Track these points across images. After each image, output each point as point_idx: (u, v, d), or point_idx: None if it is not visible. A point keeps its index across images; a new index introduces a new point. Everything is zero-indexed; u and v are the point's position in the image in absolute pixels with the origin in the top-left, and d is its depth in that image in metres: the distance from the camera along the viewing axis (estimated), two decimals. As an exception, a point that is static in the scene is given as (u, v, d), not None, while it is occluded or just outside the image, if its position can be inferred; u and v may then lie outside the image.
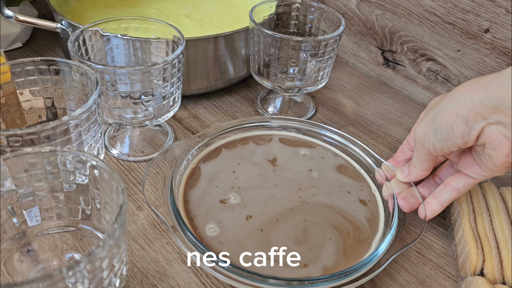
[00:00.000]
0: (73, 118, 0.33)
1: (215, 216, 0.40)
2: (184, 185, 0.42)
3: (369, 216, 0.41)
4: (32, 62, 0.38)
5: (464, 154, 0.38)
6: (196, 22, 0.59)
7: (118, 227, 0.27)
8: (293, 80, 0.52)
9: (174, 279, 0.38)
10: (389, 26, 0.61)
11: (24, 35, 0.63)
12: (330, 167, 0.46)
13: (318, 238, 0.39)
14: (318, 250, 0.38)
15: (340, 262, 0.37)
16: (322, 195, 0.42)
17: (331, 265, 0.37)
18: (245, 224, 0.39)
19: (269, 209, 0.41)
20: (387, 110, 0.60)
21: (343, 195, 0.43)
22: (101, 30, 0.45)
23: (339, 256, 0.37)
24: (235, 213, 0.40)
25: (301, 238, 0.38)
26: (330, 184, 0.44)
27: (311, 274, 0.36)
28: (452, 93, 0.36)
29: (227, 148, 0.47)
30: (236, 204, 0.41)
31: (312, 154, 0.47)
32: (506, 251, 0.38)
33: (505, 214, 0.41)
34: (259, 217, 0.40)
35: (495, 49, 0.52)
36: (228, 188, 0.42)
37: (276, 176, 0.44)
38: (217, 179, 0.43)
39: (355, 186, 0.44)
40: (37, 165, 0.32)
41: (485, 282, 0.36)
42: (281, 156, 0.46)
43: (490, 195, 0.43)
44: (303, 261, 0.37)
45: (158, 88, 0.43)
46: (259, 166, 0.45)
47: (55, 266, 0.35)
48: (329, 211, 0.41)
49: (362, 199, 0.43)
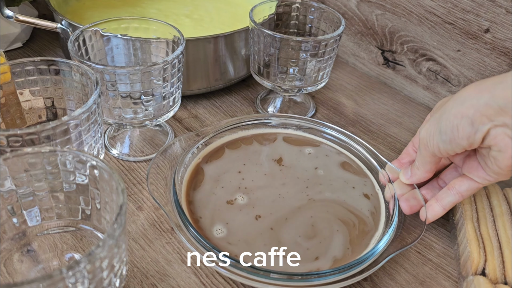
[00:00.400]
0: (73, 118, 0.33)
1: (222, 217, 0.40)
2: (187, 186, 0.42)
3: (372, 209, 0.42)
4: (32, 62, 0.38)
5: (468, 158, 0.38)
6: (196, 22, 0.59)
7: (118, 227, 0.27)
8: (293, 80, 0.52)
9: (174, 279, 0.38)
10: (389, 26, 0.61)
11: (24, 35, 0.63)
12: (335, 164, 0.46)
13: (326, 231, 0.39)
14: (327, 243, 0.38)
15: (347, 253, 0.38)
16: (328, 192, 0.43)
17: (340, 256, 0.37)
18: (254, 223, 0.39)
19: (278, 209, 0.41)
20: (387, 110, 0.60)
21: (349, 190, 0.44)
22: (101, 30, 0.45)
23: (346, 246, 0.38)
24: (243, 213, 0.40)
25: (311, 233, 0.39)
26: (336, 181, 0.44)
27: (322, 266, 0.37)
28: (458, 94, 0.36)
29: (231, 148, 0.47)
30: (244, 205, 0.41)
31: (317, 153, 0.47)
32: (508, 252, 0.38)
33: (508, 215, 0.41)
34: (269, 216, 0.40)
35: (495, 49, 0.52)
36: (235, 189, 0.42)
37: (282, 175, 0.44)
38: (222, 180, 0.43)
39: (359, 181, 0.45)
40: (37, 165, 0.32)
41: (486, 281, 0.36)
42: (286, 155, 0.47)
43: (494, 196, 0.43)
44: (314, 254, 0.37)
45: (158, 88, 0.43)
46: (265, 166, 0.45)
47: (55, 266, 0.35)
48: (335, 206, 0.42)
49: (365, 193, 0.43)
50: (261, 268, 0.34)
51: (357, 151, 0.47)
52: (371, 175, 0.45)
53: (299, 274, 0.34)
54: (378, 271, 0.39)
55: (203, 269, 0.39)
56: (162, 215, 0.43)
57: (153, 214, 0.43)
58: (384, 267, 0.40)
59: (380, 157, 0.46)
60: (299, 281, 0.34)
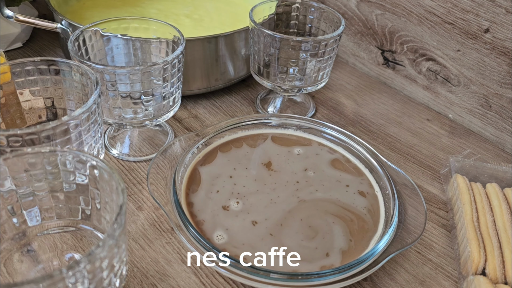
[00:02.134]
0: (73, 118, 0.33)
1: (222, 223, 0.39)
2: (186, 187, 0.42)
3: (368, 206, 0.42)
4: (32, 62, 0.38)
5: None
6: (196, 22, 0.59)
7: (118, 227, 0.27)
8: (293, 80, 0.52)
9: (174, 279, 0.38)
10: (389, 26, 0.61)
11: (24, 35, 0.63)
12: (326, 163, 0.46)
13: (323, 226, 0.40)
14: (330, 237, 0.39)
15: (351, 245, 0.38)
16: (319, 192, 0.43)
17: (346, 248, 0.38)
18: (253, 228, 0.39)
19: (271, 214, 0.41)
20: (387, 110, 0.60)
21: (341, 189, 0.44)
22: (101, 30, 0.45)
23: (348, 238, 0.39)
24: (239, 219, 0.40)
25: (311, 233, 0.39)
26: (327, 180, 0.44)
27: (334, 262, 0.37)
28: None
29: (222, 151, 0.46)
30: (239, 211, 0.41)
31: (307, 152, 0.47)
32: (508, 252, 0.38)
33: (508, 215, 0.41)
34: (264, 222, 0.40)
35: (495, 49, 0.52)
36: (228, 194, 0.42)
37: (272, 180, 0.44)
38: (216, 184, 0.43)
39: (354, 180, 0.45)
40: (37, 165, 0.32)
41: (486, 281, 0.36)
42: (275, 158, 0.46)
43: (494, 195, 0.43)
44: (324, 251, 0.38)
45: (158, 88, 0.43)
46: (254, 171, 0.45)
47: (55, 266, 0.35)
48: (326, 204, 0.42)
49: (361, 191, 0.44)
50: (261, 268, 0.34)
51: (357, 151, 0.47)
52: (370, 174, 0.45)
53: (299, 274, 0.34)
54: (378, 271, 0.39)
55: (203, 269, 0.39)
56: (162, 215, 0.43)
57: (153, 214, 0.43)
58: (384, 267, 0.40)
59: (380, 157, 0.46)
60: (299, 281, 0.34)
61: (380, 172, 0.44)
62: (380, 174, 0.44)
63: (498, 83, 0.53)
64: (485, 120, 0.56)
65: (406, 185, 0.43)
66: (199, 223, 0.39)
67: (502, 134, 0.55)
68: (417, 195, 0.42)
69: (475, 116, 0.57)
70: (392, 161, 0.51)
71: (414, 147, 0.54)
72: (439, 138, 0.56)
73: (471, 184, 0.45)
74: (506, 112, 0.54)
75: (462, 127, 0.58)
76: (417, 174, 0.50)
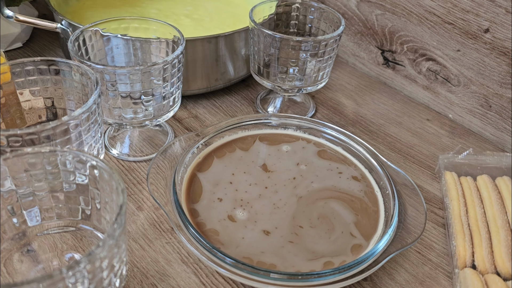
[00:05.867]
0: (73, 118, 0.33)
1: (233, 235, 0.38)
2: (186, 194, 0.42)
3: (365, 189, 0.44)
4: (32, 62, 0.38)
5: None
6: (196, 22, 0.59)
7: (118, 227, 0.27)
8: (293, 80, 0.52)
9: (174, 279, 0.38)
10: (389, 26, 0.61)
11: (24, 35, 0.63)
12: (313, 155, 0.47)
13: (329, 212, 0.41)
14: (339, 216, 0.41)
15: (359, 219, 0.41)
16: (315, 183, 0.44)
17: (356, 220, 0.41)
18: (267, 238, 0.38)
19: (279, 221, 0.40)
20: (387, 110, 0.60)
21: (334, 176, 0.45)
22: (101, 30, 0.45)
23: (354, 213, 0.41)
24: (248, 229, 0.39)
25: (327, 225, 0.40)
26: (319, 171, 0.45)
27: (360, 241, 0.39)
28: None
29: (218, 157, 0.46)
30: (246, 220, 0.40)
31: (294, 148, 0.48)
32: (497, 241, 0.38)
33: (498, 204, 0.41)
34: (275, 231, 0.39)
35: (495, 49, 0.52)
36: (232, 202, 0.41)
37: (271, 182, 0.44)
38: (218, 192, 0.42)
39: (345, 168, 0.46)
40: (37, 165, 0.32)
41: (472, 273, 0.36)
42: (268, 158, 0.46)
43: (483, 187, 0.44)
44: (347, 231, 0.40)
45: (158, 88, 0.43)
46: (252, 174, 0.44)
47: (55, 266, 0.35)
48: (325, 192, 0.43)
49: (354, 176, 0.45)
50: (261, 268, 0.34)
51: (357, 151, 0.47)
52: (369, 174, 0.45)
53: (299, 274, 0.34)
54: (378, 271, 0.39)
55: (203, 269, 0.39)
56: (162, 215, 0.43)
57: (153, 214, 0.43)
58: (384, 267, 0.40)
59: (380, 157, 0.46)
60: (299, 281, 0.34)
61: (380, 172, 0.44)
62: (380, 174, 0.44)
63: (498, 83, 0.53)
64: (485, 120, 0.56)
65: (406, 185, 0.43)
66: (207, 231, 0.39)
67: (502, 134, 0.55)
68: (417, 195, 0.42)
69: (475, 116, 0.57)
70: (392, 161, 0.51)
71: (414, 147, 0.54)
72: (439, 138, 0.56)
73: (460, 179, 0.45)
74: (506, 112, 0.54)
75: (462, 127, 0.58)
76: (417, 174, 0.50)
